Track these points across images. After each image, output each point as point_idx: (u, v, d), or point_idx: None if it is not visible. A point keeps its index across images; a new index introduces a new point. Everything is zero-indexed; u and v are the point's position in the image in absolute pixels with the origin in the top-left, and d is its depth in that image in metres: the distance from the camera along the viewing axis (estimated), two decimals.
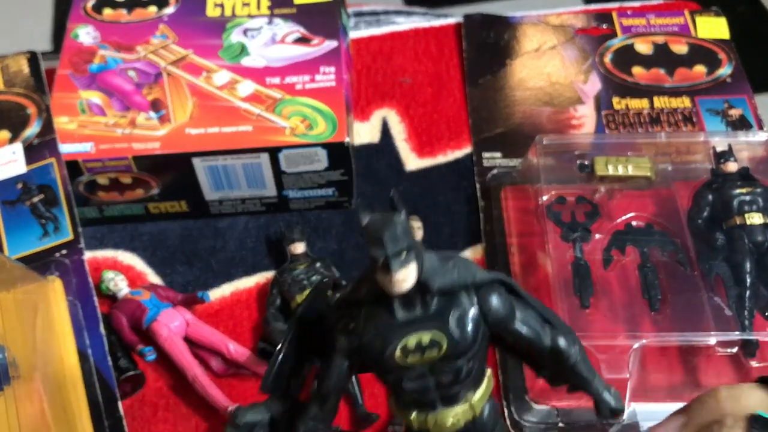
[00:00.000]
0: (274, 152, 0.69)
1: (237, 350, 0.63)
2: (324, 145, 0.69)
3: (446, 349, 0.34)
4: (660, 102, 0.80)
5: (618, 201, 0.69)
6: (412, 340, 0.34)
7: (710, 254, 0.64)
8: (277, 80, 0.74)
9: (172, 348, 0.63)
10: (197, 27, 0.79)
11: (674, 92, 0.81)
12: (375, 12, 0.94)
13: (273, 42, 0.77)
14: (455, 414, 0.36)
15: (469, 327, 0.34)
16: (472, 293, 0.35)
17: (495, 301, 0.35)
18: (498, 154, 0.77)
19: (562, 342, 0.36)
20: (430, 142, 0.80)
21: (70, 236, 0.66)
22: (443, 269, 0.34)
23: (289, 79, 0.73)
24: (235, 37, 0.78)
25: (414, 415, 0.37)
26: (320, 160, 0.70)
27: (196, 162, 0.69)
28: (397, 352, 0.34)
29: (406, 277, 0.32)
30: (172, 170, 0.70)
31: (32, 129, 0.71)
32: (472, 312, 0.34)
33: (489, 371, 0.38)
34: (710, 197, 0.66)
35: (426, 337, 0.34)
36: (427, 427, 0.37)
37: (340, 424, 0.60)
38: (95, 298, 0.63)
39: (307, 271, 0.67)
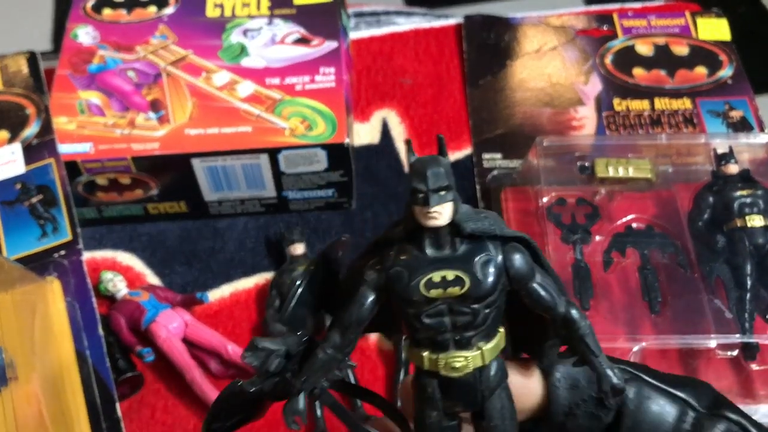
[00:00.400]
0: (273, 153, 0.69)
1: (236, 351, 0.63)
2: (324, 146, 0.68)
3: (468, 288, 0.36)
4: (661, 103, 0.80)
5: (618, 203, 0.69)
6: (437, 276, 0.36)
7: (711, 256, 0.64)
8: (276, 81, 0.73)
9: (170, 349, 0.63)
10: (197, 27, 0.78)
11: (675, 94, 0.81)
12: (375, 12, 0.94)
13: (273, 42, 0.77)
14: (466, 357, 0.38)
15: (492, 274, 0.37)
16: (498, 245, 0.37)
17: (518, 257, 0.37)
18: (498, 155, 0.77)
19: (575, 312, 0.38)
20: (431, 143, 0.80)
21: (69, 237, 0.66)
22: (476, 217, 0.37)
23: (288, 80, 0.73)
24: (234, 37, 0.78)
25: (426, 353, 0.38)
26: (320, 161, 0.70)
27: (196, 163, 0.69)
28: (422, 284, 0.36)
29: (441, 212, 0.35)
30: (172, 171, 0.70)
31: (31, 129, 0.71)
32: (496, 261, 0.37)
33: (502, 330, 0.40)
34: (711, 199, 0.66)
35: (451, 274, 0.36)
36: (437, 368, 0.38)
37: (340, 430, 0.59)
38: (94, 299, 0.63)
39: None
